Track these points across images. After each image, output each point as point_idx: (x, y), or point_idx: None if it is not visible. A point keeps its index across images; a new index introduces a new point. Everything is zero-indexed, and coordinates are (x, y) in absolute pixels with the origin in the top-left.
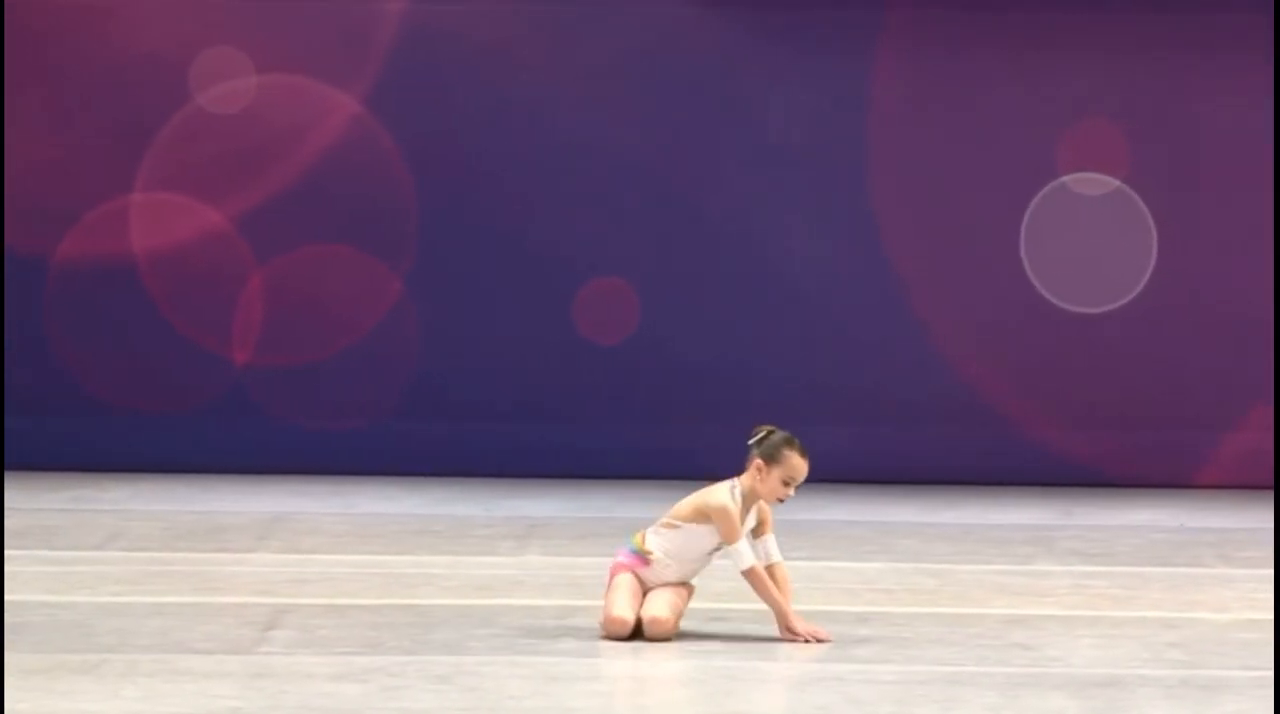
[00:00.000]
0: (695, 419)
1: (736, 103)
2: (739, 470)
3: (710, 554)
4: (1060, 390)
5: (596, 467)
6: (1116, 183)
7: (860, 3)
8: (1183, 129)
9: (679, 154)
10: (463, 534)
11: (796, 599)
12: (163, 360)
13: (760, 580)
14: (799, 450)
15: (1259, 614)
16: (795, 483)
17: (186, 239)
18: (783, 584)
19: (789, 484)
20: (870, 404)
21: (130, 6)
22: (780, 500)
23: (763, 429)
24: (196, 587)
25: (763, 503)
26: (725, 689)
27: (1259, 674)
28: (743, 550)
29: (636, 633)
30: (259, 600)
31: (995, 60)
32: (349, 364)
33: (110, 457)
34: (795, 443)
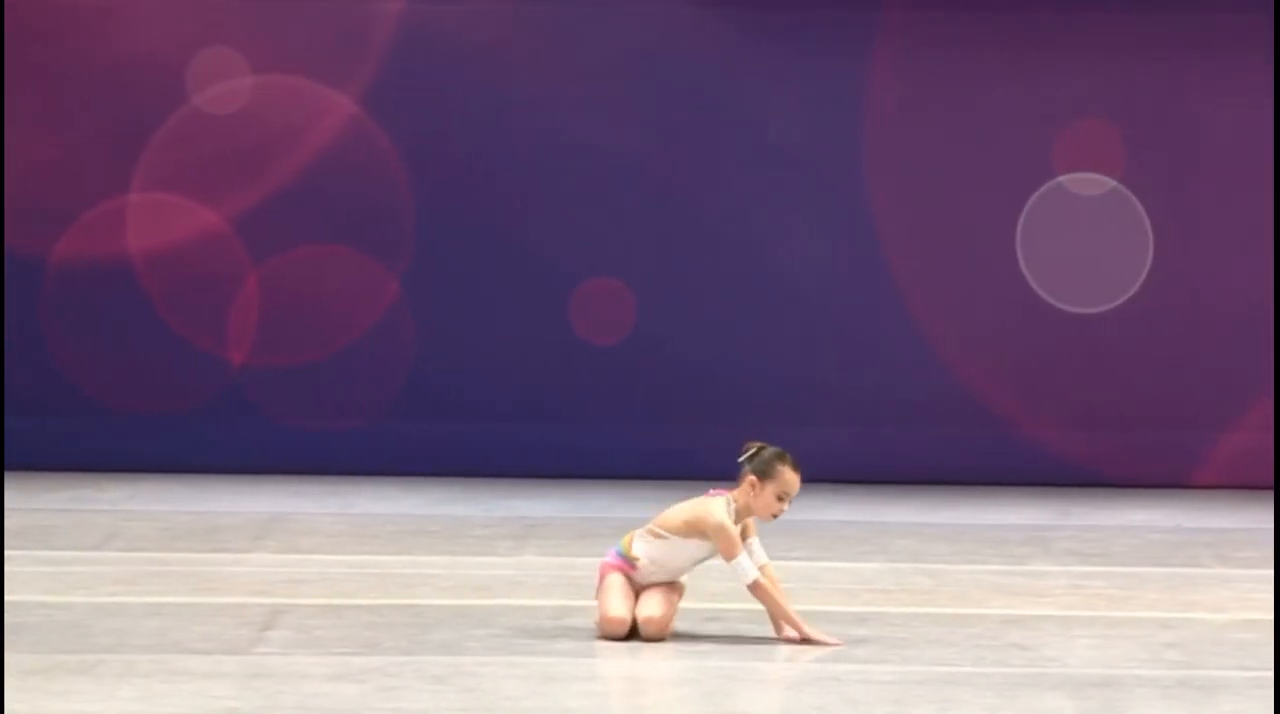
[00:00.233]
0: (693, 419)
1: (734, 103)
2: (736, 470)
3: (697, 563)
4: (1057, 390)
5: (594, 467)
6: (1113, 183)
7: (858, 3)
8: (1179, 129)
9: (677, 154)
10: (460, 534)
11: (794, 599)
12: (160, 360)
13: (766, 593)
14: (791, 465)
15: (1256, 614)
16: (789, 497)
17: (184, 239)
18: (774, 585)
19: (783, 499)
20: (867, 404)
21: (127, 7)
22: (775, 515)
23: (753, 445)
24: (194, 587)
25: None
26: (722, 689)
27: (1256, 674)
28: (745, 566)
29: (632, 633)
30: (256, 601)
31: (992, 60)
32: (346, 364)
33: (108, 457)
34: (787, 458)
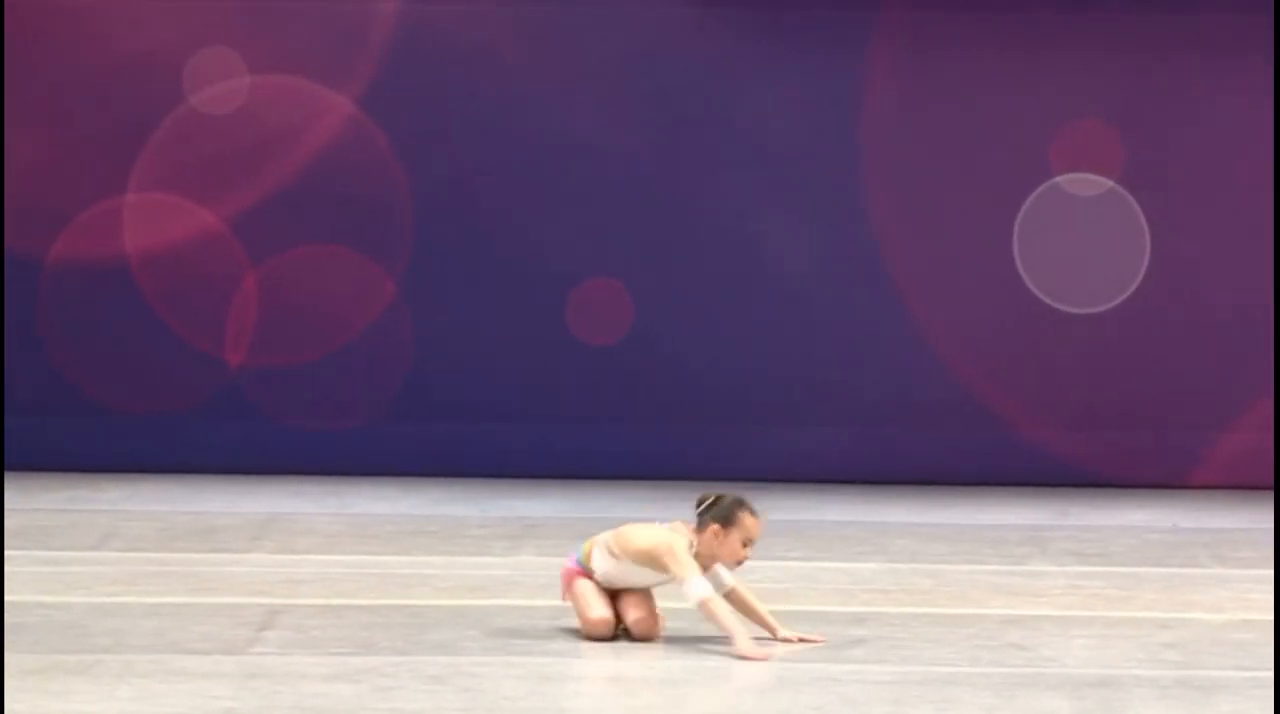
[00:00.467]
0: (689, 420)
1: (732, 103)
2: (733, 471)
3: (651, 585)
4: (1055, 390)
5: (592, 467)
6: (1110, 183)
7: (855, 3)
8: (1176, 129)
9: (676, 154)
10: (457, 535)
11: (792, 599)
12: (158, 361)
13: (712, 612)
14: (751, 511)
15: (1254, 615)
16: (753, 543)
17: (182, 239)
18: (750, 601)
19: (747, 544)
20: (865, 404)
21: (125, 7)
22: (739, 562)
23: (710, 495)
24: (191, 587)
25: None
26: (719, 690)
27: (1254, 674)
28: (693, 588)
29: (621, 633)
30: (254, 601)
31: (990, 61)
32: (344, 364)
33: (105, 457)
34: (747, 504)
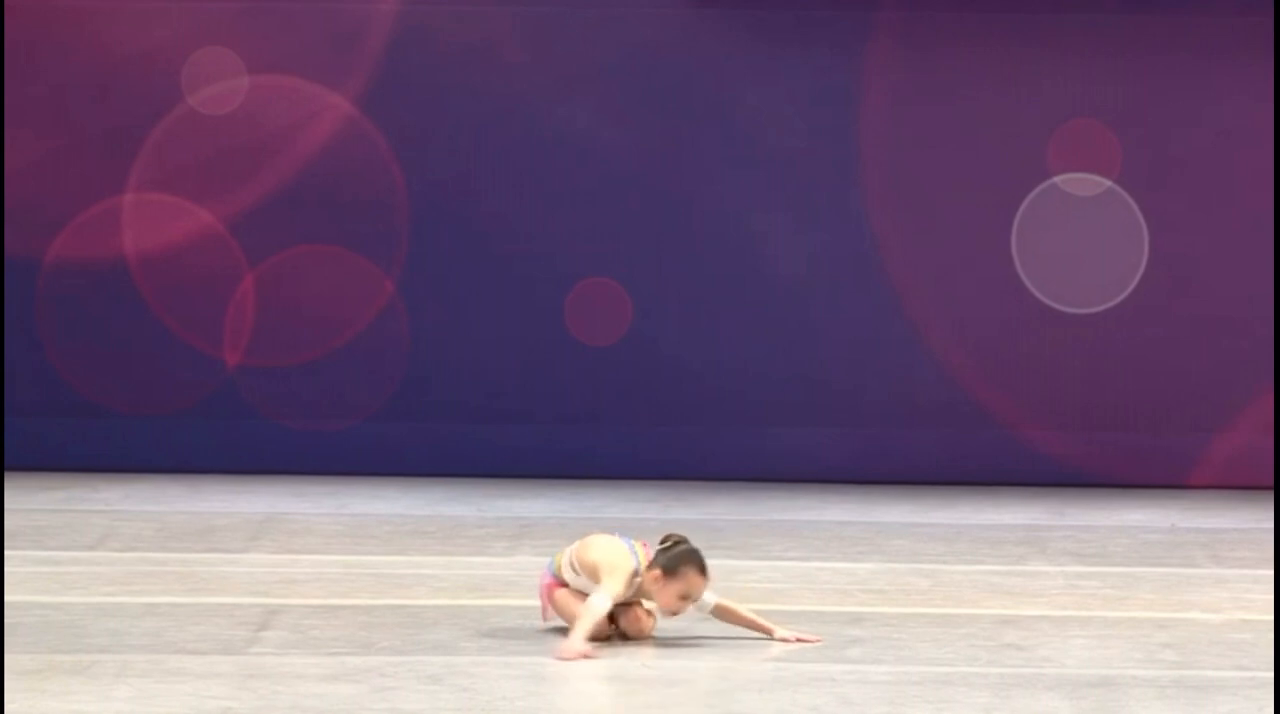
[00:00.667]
0: (688, 420)
1: (730, 103)
2: (731, 471)
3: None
4: (1053, 391)
5: (589, 467)
6: (1108, 183)
7: (853, 3)
8: (1175, 129)
9: (673, 154)
10: (455, 535)
11: (789, 599)
12: (155, 361)
13: (583, 611)
14: (698, 568)
15: (1252, 615)
16: (691, 600)
17: (179, 240)
18: (738, 612)
19: (685, 598)
20: (862, 405)
21: (122, 7)
22: (674, 614)
23: (672, 537)
24: (189, 587)
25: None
26: (717, 689)
27: (1252, 675)
28: (596, 595)
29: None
30: (252, 601)
31: (988, 60)
32: (341, 364)
33: (102, 457)
34: (697, 559)
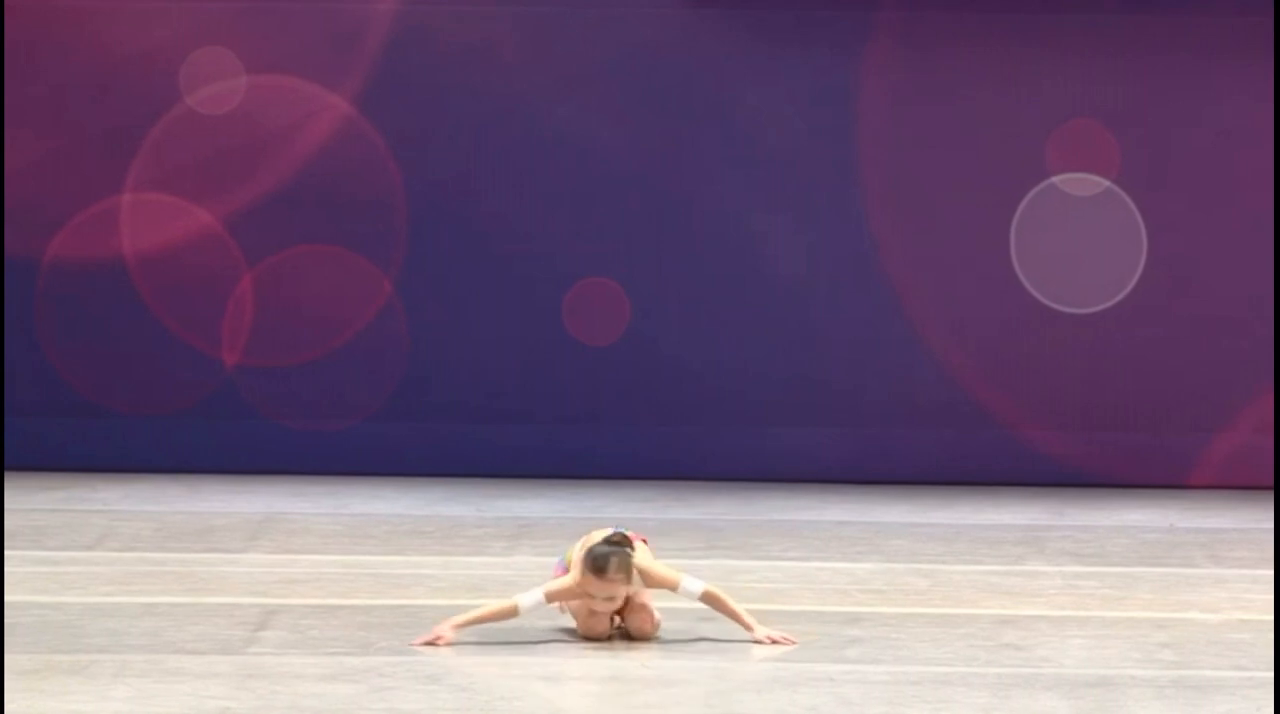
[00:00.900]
0: (687, 420)
1: (728, 103)
2: (729, 471)
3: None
4: (1052, 390)
5: (588, 467)
6: (1107, 183)
7: (851, 4)
8: (1174, 129)
9: (672, 154)
10: (454, 535)
11: (788, 599)
12: (154, 360)
13: (492, 609)
14: (593, 569)
15: (1250, 615)
16: (592, 600)
17: (178, 239)
18: (725, 603)
19: (591, 598)
20: (862, 405)
21: (122, 8)
22: (590, 613)
23: (617, 536)
24: (188, 587)
25: (638, 578)
26: (716, 689)
27: (1250, 674)
28: (525, 597)
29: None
30: (250, 601)
31: (987, 60)
32: (340, 364)
33: (102, 457)
34: (593, 561)
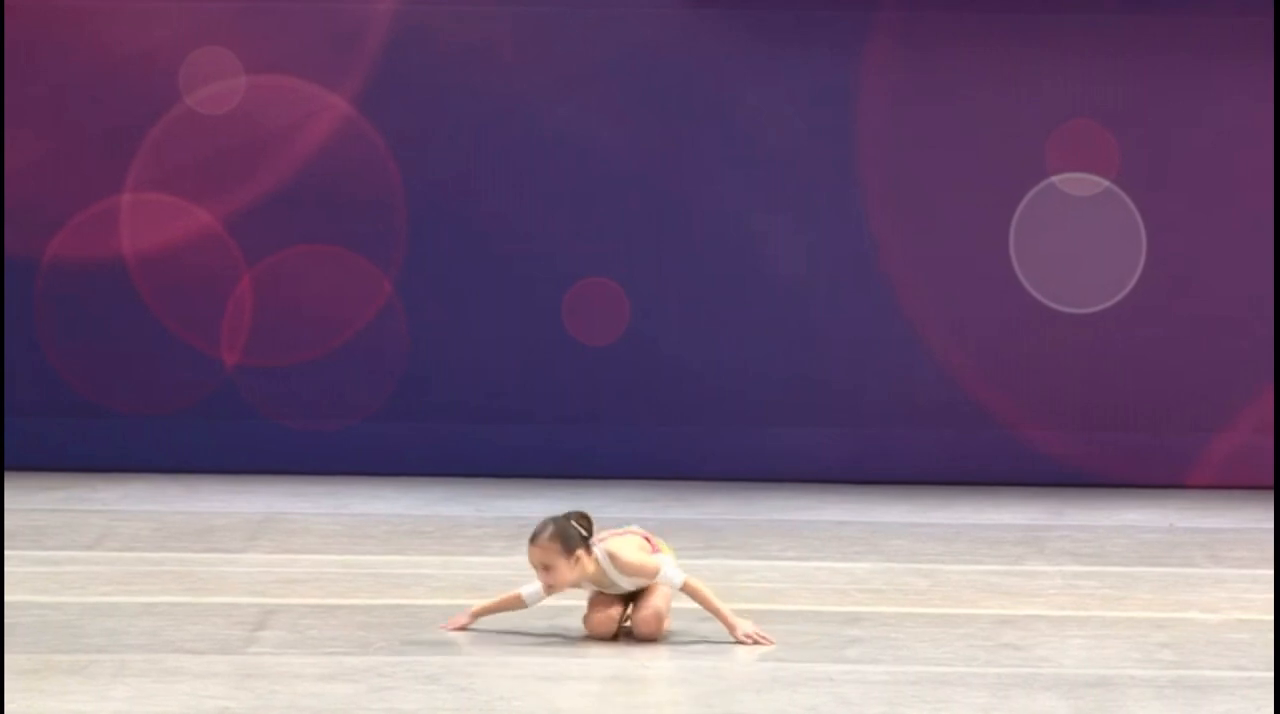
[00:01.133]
0: (686, 420)
1: (728, 103)
2: (729, 471)
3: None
4: (1051, 390)
5: (588, 467)
6: (1106, 183)
7: (850, 3)
8: (1173, 129)
9: (672, 154)
10: (453, 534)
11: (787, 599)
12: (153, 360)
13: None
14: (531, 539)
15: (1250, 615)
16: (538, 571)
17: (177, 239)
18: (704, 597)
19: (582, 586)
20: (861, 405)
21: (122, 8)
22: (548, 587)
23: (578, 514)
24: (187, 587)
25: (613, 575)
26: (715, 689)
27: (1250, 674)
28: (531, 588)
29: (622, 633)
30: (249, 600)
31: (986, 60)
32: (340, 364)
33: (100, 457)
34: (534, 531)
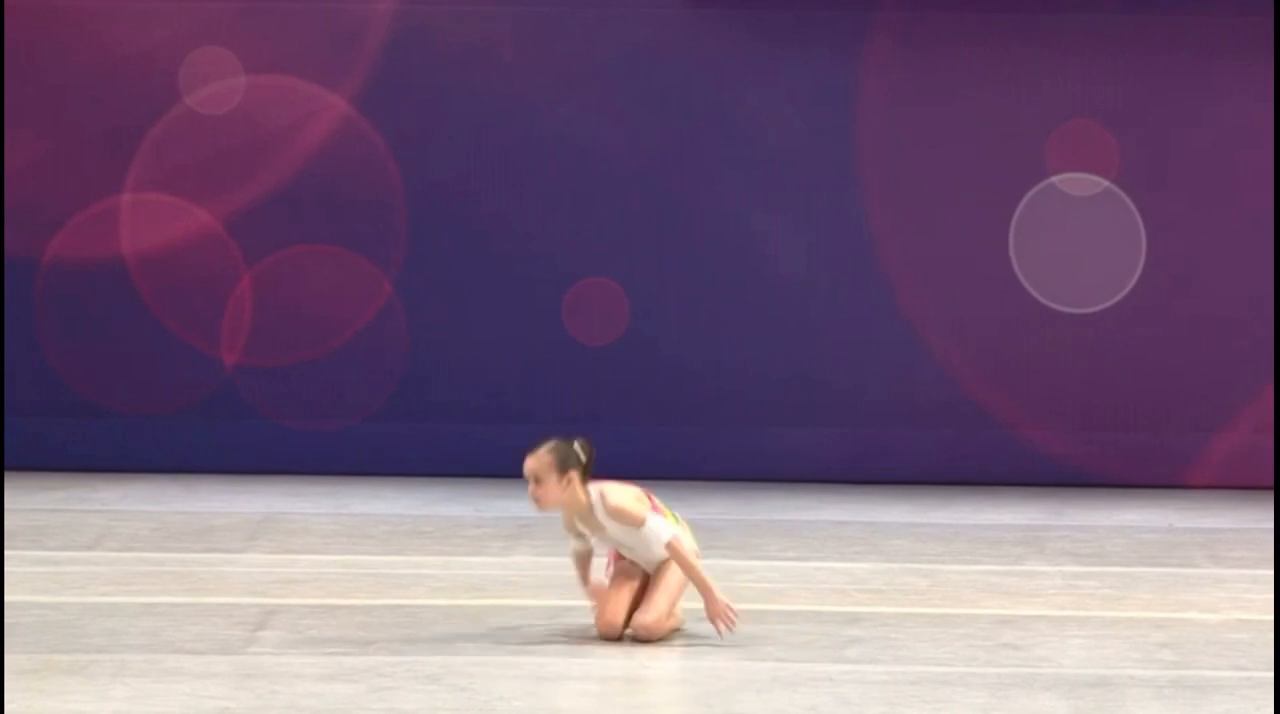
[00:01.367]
0: (686, 420)
1: (728, 103)
2: (728, 471)
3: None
4: (1051, 390)
5: None
6: (1106, 183)
7: (850, 3)
8: (1173, 129)
9: (671, 154)
10: (453, 535)
11: (787, 599)
12: (153, 360)
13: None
14: (527, 451)
15: (1250, 615)
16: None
17: (177, 239)
18: (686, 556)
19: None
20: (861, 405)
21: (122, 8)
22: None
23: (585, 440)
24: (187, 587)
25: (599, 514)
26: (715, 689)
27: (1249, 674)
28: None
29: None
30: (249, 601)
31: (986, 60)
32: (340, 364)
33: (101, 457)
34: (532, 445)
